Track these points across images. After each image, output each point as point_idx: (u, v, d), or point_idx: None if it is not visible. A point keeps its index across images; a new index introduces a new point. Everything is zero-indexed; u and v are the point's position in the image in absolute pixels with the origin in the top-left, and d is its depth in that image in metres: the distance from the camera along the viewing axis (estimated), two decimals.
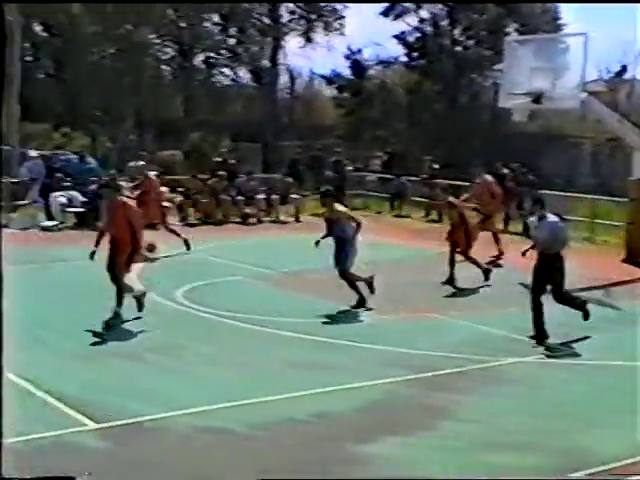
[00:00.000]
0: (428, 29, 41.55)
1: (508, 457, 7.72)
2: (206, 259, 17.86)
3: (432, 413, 8.83)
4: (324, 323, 12.55)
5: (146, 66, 39.07)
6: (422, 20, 41.40)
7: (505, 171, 24.10)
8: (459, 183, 23.39)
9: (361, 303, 13.43)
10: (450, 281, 15.30)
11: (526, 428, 8.45)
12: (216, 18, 41.59)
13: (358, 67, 42.11)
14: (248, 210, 24.82)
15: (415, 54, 42.00)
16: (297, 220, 25.14)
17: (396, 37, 41.40)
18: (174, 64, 41.80)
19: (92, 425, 8.17)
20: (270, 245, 20.25)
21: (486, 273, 15.65)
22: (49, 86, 37.28)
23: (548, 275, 11.68)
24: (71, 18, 37.39)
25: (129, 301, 12.26)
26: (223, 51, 42.18)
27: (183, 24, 40.50)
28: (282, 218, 25.15)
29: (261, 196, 25.36)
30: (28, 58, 34.94)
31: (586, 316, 11.94)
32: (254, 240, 21.00)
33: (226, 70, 43.15)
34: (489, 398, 9.39)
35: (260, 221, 24.56)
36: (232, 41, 42.21)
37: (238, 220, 24.53)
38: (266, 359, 10.61)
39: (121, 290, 12.10)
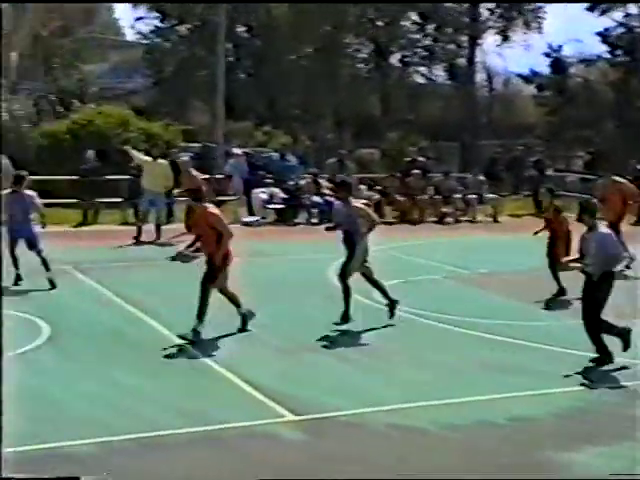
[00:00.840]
0: (634, 24, 39.98)
1: None
2: (402, 258, 17.90)
3: (635, 424, 8.48)
4: (519, 325, 12.30)
5: (343, 65, 39.57)
6: (628, 15, 39.91)
7: None
8: None
9: (345, 318, 12.06)
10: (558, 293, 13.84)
11: None
12: (414, 16, 41.62)
13: (559, 65, 41.05)
14: (445, 209, 24.72)
15: (619, 51, 40.51)
16: (495, 220, 24.86)
17: (599, 34, 40.09)
18: (370, 63, 42.10)
19: (290, 417, 8.36)
20: (467, 245, 20.08)
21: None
22: (250, 86, 38.37)
23: (592, 294, 10.11)
24: (271, 19, 38.40)
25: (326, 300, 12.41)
26: (419, 49, 42.15)
27: (381, 23, 40.78)
28: (479, 218, 24.91)
29: (458, 195, 25.20)
30: (230, 59, 36.05)
31: (626, 346, 10.24)
32: (451, 239, 20.88)
33: (421, 69, 43.15)
34: None
35: (458, 221, 24.41)
36: (427, 39, 42.11)
37: (434, 219, 24.47)
38: (461, 360, 10.52)
39: (203, 304, 11.05)
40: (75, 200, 22.88)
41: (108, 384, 9.26)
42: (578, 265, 10.38)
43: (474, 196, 25.23)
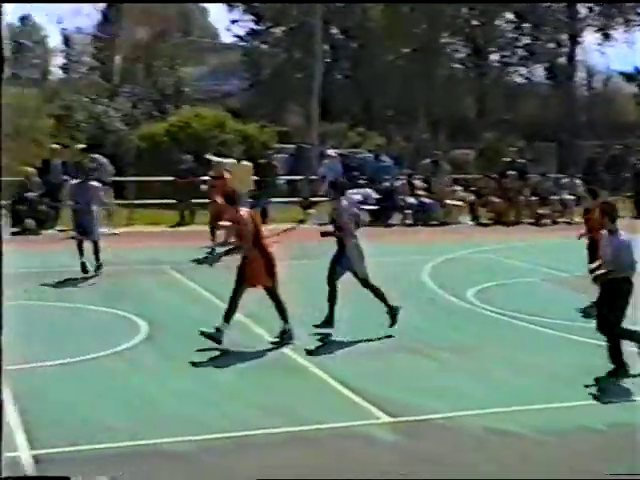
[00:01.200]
0: None
1: None
2: (497, 260, 17.72)
3: None
4: None
5: (439, 66, 39.32)
6: None
7: None
8: None
9: (393, 320, 11.63)
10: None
11: None
12: (510, 15, 41.11)
13: None
14: (542, 211, 24.37)
15: None
16: None
17: None
18: (467, 63, 41.73)
19: (385, 419, 8.32)
20: (564, 247, 19.68)
21: None
22: (347, 87, 38.41)
23: (610, 301, 9.65)
24: (367, 20, 38.38)
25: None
26: (517, 49, 41.60)
27: (477, 23, 40.38)
28: (577, 220, 24.45)
29: (555, 197, 24.81)
30: (327, 60, 36.12)
31: None
32: (547, 242, 20.57)
33: (520, 68, 42.56)
34: None
35: (555, 222, 24.04)
36: (526, 39, 41.53)
37: (530, 221, 24.14)
38: (556, 363, 10.31)
39: (279, 306, 11.12)
40: (172, 201, 23.27)
41: (203, 383, 9.37)
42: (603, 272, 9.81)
43: (571, 197, 24.80)
